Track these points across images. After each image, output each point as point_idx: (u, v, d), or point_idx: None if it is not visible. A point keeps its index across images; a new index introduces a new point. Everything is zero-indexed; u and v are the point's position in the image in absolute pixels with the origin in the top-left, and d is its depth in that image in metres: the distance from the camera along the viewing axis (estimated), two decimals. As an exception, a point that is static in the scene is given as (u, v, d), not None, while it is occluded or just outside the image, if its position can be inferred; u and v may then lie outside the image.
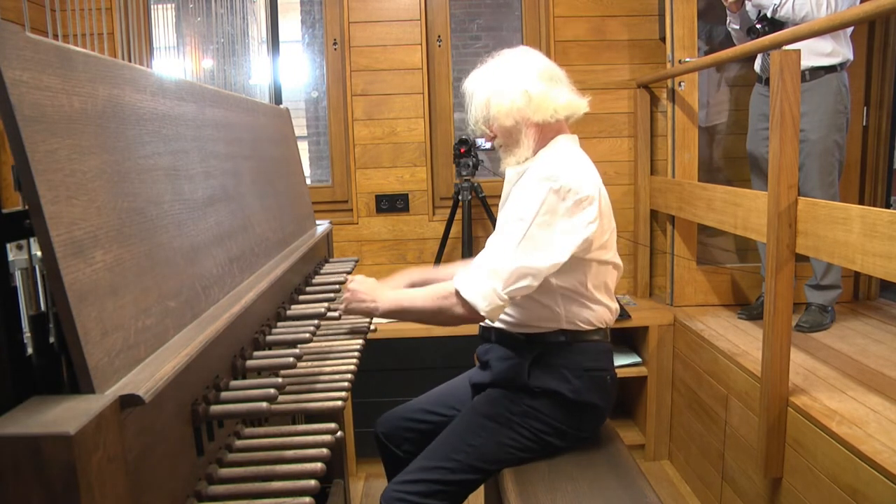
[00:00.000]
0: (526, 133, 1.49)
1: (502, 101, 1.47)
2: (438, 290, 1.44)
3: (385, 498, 1.44)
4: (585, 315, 1.49)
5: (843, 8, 2.12)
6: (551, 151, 1.49)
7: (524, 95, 1.46)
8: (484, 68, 1.54)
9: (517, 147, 1.51)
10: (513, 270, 1.36)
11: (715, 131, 3.03)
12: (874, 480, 1.36)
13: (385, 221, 2.95)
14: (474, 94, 1.53)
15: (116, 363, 0.71)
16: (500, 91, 1.47)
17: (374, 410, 1.86)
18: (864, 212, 1.41)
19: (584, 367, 1.48)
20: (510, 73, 1.49)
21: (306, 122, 3.22)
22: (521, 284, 1.37)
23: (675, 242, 2.72)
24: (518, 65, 1.50)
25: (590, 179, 1.44)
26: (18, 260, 0.72)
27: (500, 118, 1.48)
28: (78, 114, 0.76)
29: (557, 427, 1.48)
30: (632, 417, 2.84)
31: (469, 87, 1.55)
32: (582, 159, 1.50)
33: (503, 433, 1.47)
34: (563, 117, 1.50)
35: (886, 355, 2.01)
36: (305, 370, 1.14)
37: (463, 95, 1.58)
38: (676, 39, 2.65)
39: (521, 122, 1.48)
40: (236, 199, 1.25)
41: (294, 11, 3.15)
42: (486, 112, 1.50)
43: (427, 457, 1.48)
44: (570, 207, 1.38)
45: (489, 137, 1.57)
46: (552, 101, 1.47)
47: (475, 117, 1.54)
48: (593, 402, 1.50)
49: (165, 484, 0.76)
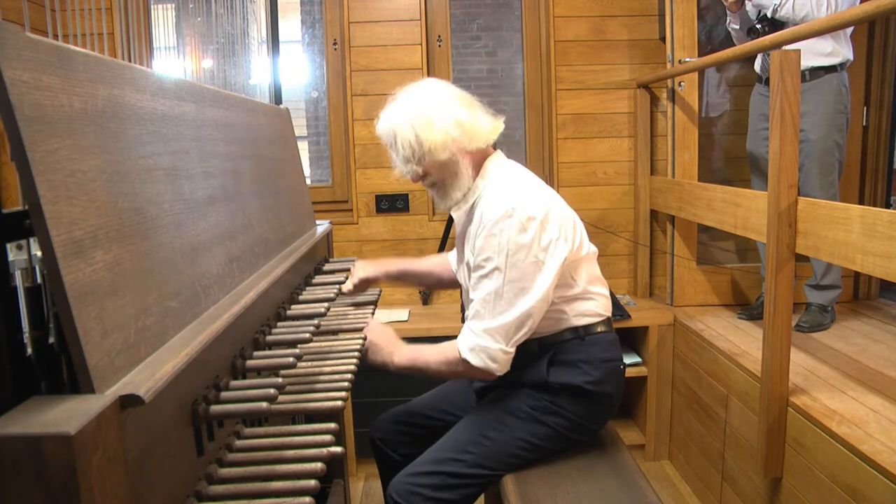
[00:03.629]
0: (462, 164, 1.44)
1: (434, 135, 1.38)
2: (449, 356, 1.43)
3: (396, 490, 1.41)
4: (589, 307, 1.50)
5: (843, 8, 2.12)
6: (489, 180, 1.46)
7: (457, 125, 1.40)
8: (396, 107, 1.44)
9: (456, 180, 1.45)
10: (509, 324, 1.36)
11: (719, 122, 3.03)
12: (874, 480, 1.36)
13: (385, 221, 2.95)
14: (397, 133, 1.41)
15: (116, 363, 0.71)
16: (428, 125, 1.38)
17: (373, 410, 1.86)
18: (864, 212, 1.41)
19: (600, 358, 1.49)
20: (432, 105, 1.40)
21: (306, 122, 3.22)
22: (522, 332, 1.38)
23: (675, 242, 2.72)
24: (436, 95, 1.43)
25: (538, 195, 1.42)
26: (18, 260, 0.72)
27: (435, 152, 1.39)
28: (78, 114, 0.76)
29: (577, 421, 1.48)
30: (632, 417, 2.84)
31: (386, 128, 1.44)
32: (520, 175, 1.48)
33: (523, 428, 1.46)
34: (492, 141, 1.46)
35: (886, 355, 2.01)
36: (305, 370, 1.13)
37: (380, 140, 1.48)
38: (676, 39, 2.65)
39: (456, 153, 1.42)
40: (236, 199, 1.25)
41: (294, 11, 3.15)
42: (417, 148, 1.40)
43: (441, 449, 1.46)
44: (535, 234, 1.36)
45: (419, 177, 1.46)
46: (481, 127, 1.43)
47: (404, 158, 1.42)
48: (610, 393, 1.50)
49: (165, 484, 0.76)
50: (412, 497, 1.39)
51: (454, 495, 1.42)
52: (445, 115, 1.40)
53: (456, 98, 1.45)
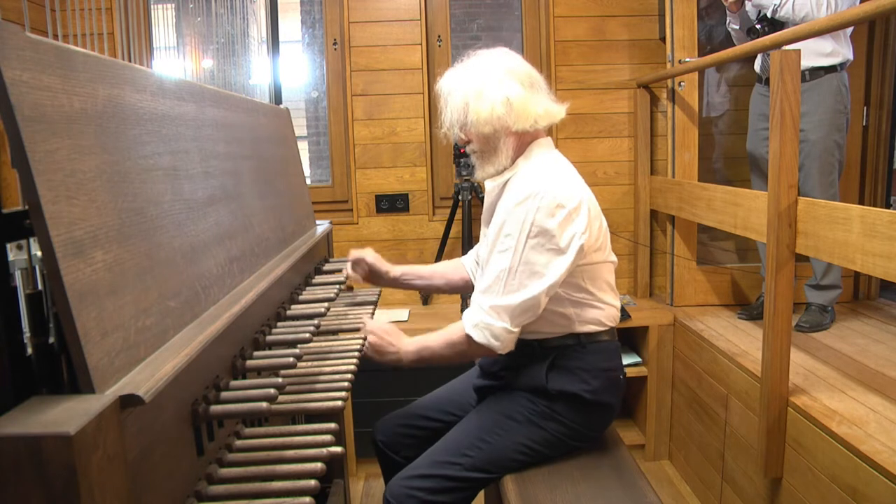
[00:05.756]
0: (505, 141, 1.44)
1: (481, 108, 1.40)
2: (453, 337, 1.44)
3: (392, 493, 1.40)
4: (595, 315, 1.48)
5: (843, 8, 2.12)
6: (531, 162, 1.46)
7: (505, 103, 1.40)
8: (461, 69, 1.47)
9: (494, 156, 1.46)
10: (517, 304, 1.36)
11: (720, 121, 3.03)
12: (874, 480, 1.36)
13: (385, 221, 2.95)
14: (451, 94, 1.45)
15: (116, 363, 0.71)
16: (479, 96, 1.41)
17: (373, 410, 1.86)
18: (864, 212, 1.41)
19: (600, 367, 1.47)
20: (491, 78, 1.42)
21: (306, 122, 3.22)
22: (526, 316, 1.38)
23: (675, 242, 2.72)
24: (499, 69, 1.43)
25: (575, 187, 1.41)
26: (18, 260, 0.72)
27: (479, 125, 1.41)
28: (78, 114, 0.76)
29: (575, 428, 1.47)
30: (632, 417, 2.84)
31: (445, 86, 1.47)
32: (562, 165, 1.47)
33: (521, 432, 1.45)
34: (542, 126, 1.46)
35: (886, 355, 2.01)
36: (305, 370, 1.14)
37: (437, 95, 1.50)
38: (676, 39, 2.65)
39: (500, 130, 1.42)
40: (236, 199, 1.25)
41: (294, 11, 3.15)
42: (462, 117, 1.43)
43: (438, 452, 1.46)
44: (561, 222, 1.35)
45: (463, 142, 1.50)
46: (532, 110, 1.42)
47: (450, 121, 1.46)
48: (608, 402, 1.49)
49: (165, 484, 0.76)
50: (408, 500, 1.38)
51: (451, 498, 1.41)
52: (498, 91, 1.40)
53: (516, 75, 1.43)
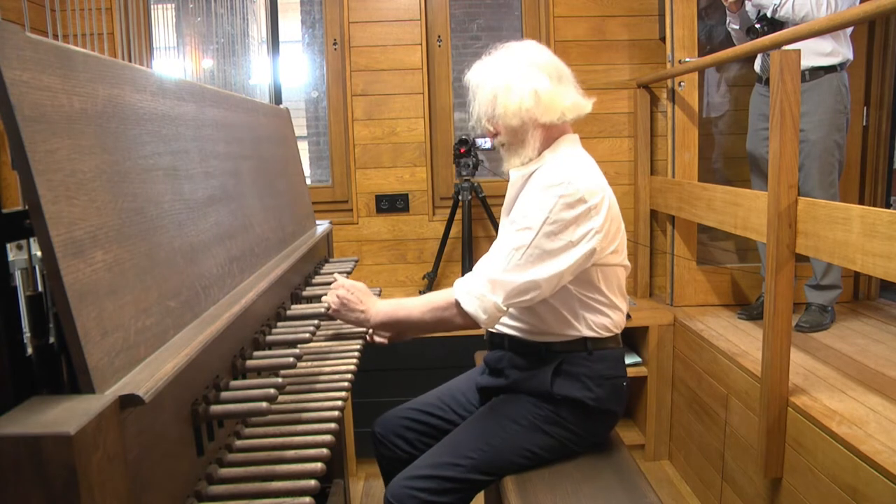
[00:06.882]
0: (532, 134, 1.44)
1: (510, 100, 1.40)
2: (437, 301, 1.42)
3: (393, 493, 1.40)
4: (603, 321, 1.47)
5: (843, 8, 2.12)
6: (557, 154, 1.45)
7: (533, 95, 1.40)
8: (490, 61, 1.47)
9: (522, 147, 1.46)
10: (516, 285, 1.35)
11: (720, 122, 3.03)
12: (874, 480, 1.36)
13: (385, 221, 2.95)
14: (479, 87, 1.46)
15: (116, 363, 0.71)
16: (508, 88, 1.41)
17: (374, 410, 1.85)
18: (864, 212, 1.41)
19: (604, 375, 1.46)
20: (519, 70, 1.42)
21: (306, 122, 3.22)
22: (522, 298, 1.36)
23: (675, 242, 2.72)
24: (527, 61, 1.43)
25: (599, 184, 1.41)
26: (18, 260, 0.72)
27: (507, 117, 1.42)
28: (78, 114, 0.76)
29: (578, 433, 1.47)
30: (632, 417, 2.84)
31: (474, 79, 1.47)
32: (588, 162, 1.47)
33: (525, 436, 1.45)
34: (569, 119, 1.46)
35: (886, 355, 2.01)
36: (305, 370, 1.14)
37: (465, 87, 1.50)
38: (676, 39, 2.65)
39: (528, 122, 1.42)
40: (236, 199, 1.25)
41: (294, 11, 3.14)
42: (491, 109, 1.44)
43: (439, 453, 1.45)
44: (579, 216, 1.34)
45: (491, 135, 1.51)
46: (560, 103, 1.42)
47: (478, 113, 1.47)
48: (611, 409, 1.49)
49: (165, 484, 0.76)
50: (409, 500, 1.38)
51: (451, 499, 1.41)
52: (526, 83, 1.40)
53: (544, 68, 1.43)
